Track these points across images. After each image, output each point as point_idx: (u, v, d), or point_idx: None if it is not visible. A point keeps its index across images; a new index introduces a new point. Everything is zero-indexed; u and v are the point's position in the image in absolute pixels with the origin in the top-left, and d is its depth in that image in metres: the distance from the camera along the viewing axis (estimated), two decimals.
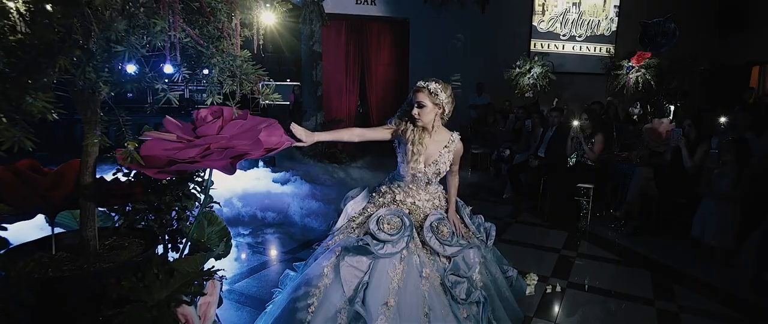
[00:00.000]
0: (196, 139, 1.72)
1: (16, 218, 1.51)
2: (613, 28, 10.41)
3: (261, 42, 1.70)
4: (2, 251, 1.50)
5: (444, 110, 2.37)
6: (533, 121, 5.91)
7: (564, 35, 10.46)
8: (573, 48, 10.51)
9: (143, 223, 1.97)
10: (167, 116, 1.63)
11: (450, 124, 2.50)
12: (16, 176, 1.48)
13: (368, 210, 2.42)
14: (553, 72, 7.59)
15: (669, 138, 4.47)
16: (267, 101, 1.65)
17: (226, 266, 3.38)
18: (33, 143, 1.08)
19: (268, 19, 1.82)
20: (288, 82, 10.35)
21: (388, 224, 2.22)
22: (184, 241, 1.94)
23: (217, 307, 1.98)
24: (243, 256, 3.76)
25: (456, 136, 2.45)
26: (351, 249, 2.15)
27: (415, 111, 2.31)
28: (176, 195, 2.00)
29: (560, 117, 5.46)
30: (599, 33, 10.53)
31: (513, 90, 7.81)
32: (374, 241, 2.14)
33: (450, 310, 2.13)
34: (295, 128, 2.06)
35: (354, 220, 2.42)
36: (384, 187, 2.50)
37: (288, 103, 10.01)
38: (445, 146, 2.40)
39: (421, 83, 2.32)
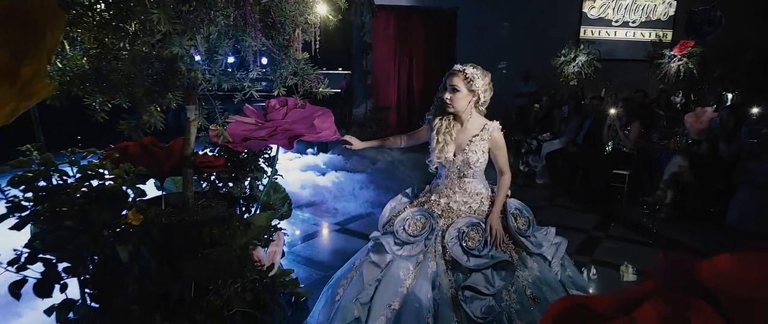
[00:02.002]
0: (266, 123, 2.23)
1: (145, 180, 2.06)
2: (671, 13, 10.07)
3: (317, 46, 2.15)
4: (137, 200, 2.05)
5: (479, 99, 2.17)
6: (570, 107, 6.06)
7: (616, 21, 10.25)
8: (626, 34, 10.30)
9: (225, 189, 2.50)
10: (247, 104, 2.13)
11: (492, 113, 2.32)
12: (143, 149, 2.03)
13: (407, 207, 2.29)
14: (598, 60, 7.59)
15: (708, 127, 4.55)
16: (324, 92, 2.09)
17: (288, 232, 3.94)
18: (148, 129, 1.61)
19: (322, 11, 2.23)
20: (340, 71, 10.88)
21: (413, 225, 2.11)
22: (256, 204, 2.46)
23: (281, 258, 2.50)
24: (301, 225, 4.31)
25: (493, 124, 2.19)
26: (374, 246, 2.16)
27: (448, 95, 2.12)
28: (250, 168, 2.52)
29: (600, 105, 5.60)
30: (655, 18, 10.22)
31: (558, 78, 7.91)
32: (393, 241, 2.08)
33: None
34: (350, 138, 2.32)
35: (397, 216, 2.31)
36: (428, 186, 2.37)
37: (340, 90, 10.56)
38: (477, 135, 2.16)
39: (458, 67, 2.13)
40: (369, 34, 9.17)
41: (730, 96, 6.71)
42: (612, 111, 4.93)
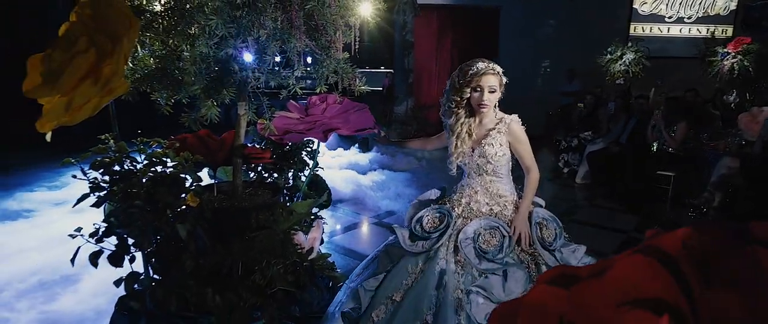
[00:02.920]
0: (306, 118, 2.41)
1: (200, 168, 2.29)
2: (733, 7, 9.53)
3: (357, 46, 2.30)
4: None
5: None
6: (616, 106, 5.92)
7: (670, 17, 9.83)
8: (680, 31, 9.85)
9: (270, 179, 2.71)
10: (291, 101, 2.32)
11: (535, 112, 2.17)
12: (199, 140, 2.25)
13: (431, 204, 2.22)
14: (647, 58, 7.34)
15: (764, 127, 4.35)
16: (362, 90, 2.23)
17: (328, 223, 4.14)
18: (205, 122, 1.81)
19: (365, 11, 2.37)
20: (382, 70, 11.06)
21: (430, 221, 2.05)
22: (298, 193, 2.65)
23: (320, 244, 2.68)
24: (341, 218, 4.51)
25: (511, 117, 2.07)
26: (393, 238, 2.15)
27: (486, 96, 1.96)
28: (293, 160, 2.71)
29: (645, 104, 5.45)
30: (714, 13, 9.72)
31: (604, 76, 7.72)
32: (408, 235, 2.06)
33: None
34: (381, 138, 2.44)
35: (419, 211, 2.25)
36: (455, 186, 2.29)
37: (381, 89, 10.74)
38: (493, 128, 2.04)
39: (483, 66, 1.97)
40: (411, 33, 9.29)
41: None
42: (656, 111, 4.80)
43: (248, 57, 1.88)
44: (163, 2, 1.80)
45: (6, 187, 4.93)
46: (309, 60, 2.19)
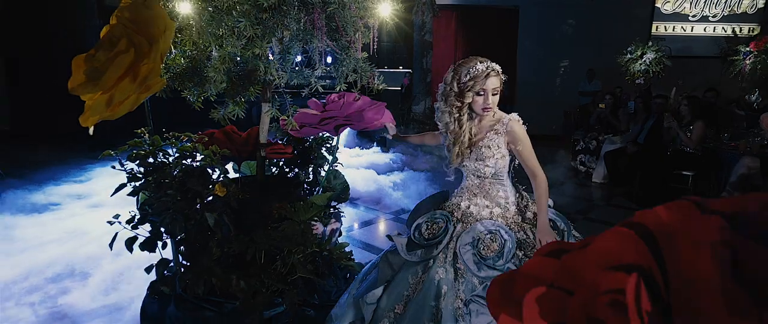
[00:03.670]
0: (324, 114, 2.52)
1: (227, 162, 2.43)
2: (760, 5, 9.33)
3: (375, 46, 2.40)
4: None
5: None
6: (637, 105, 5.90)
7: (694, 16, 9.68)
8: (704, 30, 9.69)
9: (291, 173, 2.83)
10: (313, 98, 2.43)
11: (552, 112, 2.04)
12: (226, 136, 2.38)
13: (433, 209, 2.10)
14: (669, 57, 7.27)
15: None
16: (379, 88, 2.33)
17: (345, 215, 4.26)
18: (232, 117, 1.94)
19: (384, 12, 2.46)
20: (400, 69, 11.16)
21: (430, 228, 1.96)
22: (318, 187, 2.76)
23: (339, 236, 2.79)
24: (359, 215, 4.62)
25: (510, 116, 1.93)
26: (393, 246, 2.04)
27: (489, 100, 1.86)
28: (313, 155, 2.82)
29: (664, 103, 5.42)
30: (740, 11, 9.53)
31: (624, 76, 7.67)
32: (406, 243, 1.95)
33: None
34: (389, 125, 2.35)
35: (421, 216, 2.14)
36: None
37: (400, 88, 10.83)
38: (491, 130, 1.92)
39: (483, 68, 1.84)
40: (430, 34, 9.36)
41: None
42: (666, 112, 4.79)
43: (271, 57, 2.00)
44: (194, 5, 1.93)
45: (37, 181, 5.18)
46: (328, 59, 2.30)
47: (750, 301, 0.49)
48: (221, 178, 2.17)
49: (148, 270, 2.33)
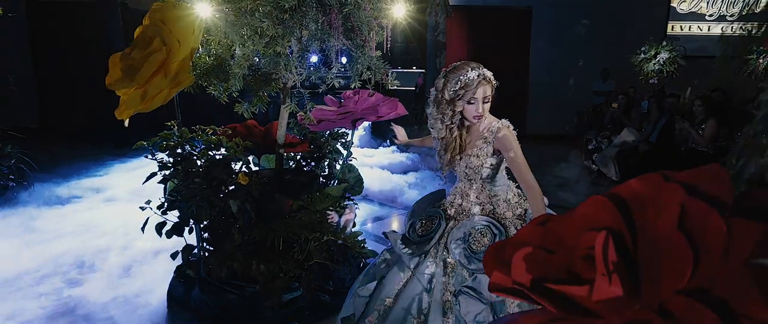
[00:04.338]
0: (340, 109, 2.65)
1: (248, 154, 2.57)
2: None
3: (388, 44, 2.52)
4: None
5: None
6: (650, 104, 5.91)
7: (711, 15, 9.60)
8: (722, 29, 9.60)
9: (307, 167, 2.97)
10: (328, 95, 2.56)
11: (565, 113, 2.04)
12: (247, 129, 2.53)
13: (429, 206, 2.12)
14: (684, 57, 7.24)
15: None
16: (394, 86, 2.45)
17: (359, 213, 4.38)
18: (254, 111, 2.08)
19: (399, 13, 2.56)
20: (414, 70, 11.26)
21: (424, 224, 1.97)
22: (333, 180, 2.89)
23: (352, 227, 2.92)
24: (373, 210, 4.75)
25: (500, 123, 1.88)
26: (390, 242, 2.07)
27: (482, 107, 1.83)
28: (328, 149, 2.96)
29: (676, 102, 5.43)
30: (760, 10, 9.41)
31: (637, 76, 7.66)
32: (401, 239, 1.97)
33: None
34: (397, 129, 2.34)
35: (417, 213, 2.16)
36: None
37: (414, 88, 10.93)
38: (480, 138, 1.91)
39: (475, 75, 1.80)
40: (443, 34, 9.45)
41: None
42: (677, 115, 4.82)
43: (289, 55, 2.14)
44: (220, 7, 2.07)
45: (63, 175, 5.44)
46: (343, 60, 2.43)
47: (687, 246, 0.60)
48: (243, 169, 2.31)
49: (173, 256, 2.48)
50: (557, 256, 0.80)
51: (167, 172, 2.07)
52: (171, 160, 2.08)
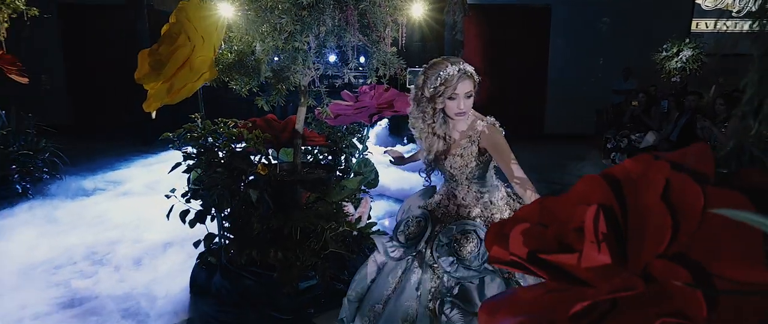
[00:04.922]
0: (357, 104, 2.73)
1: (268, 146, 2.67)
2: None
3: (403, 40, 2.59)
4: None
5: None
6: (669, 103, 5.83)
7: (739, 12, 9.38)
8: (749, 26, 9.36)
9: (324, 161, 3.05)
10: (345, 90, 2.64)
11: (585, 111, 1.99)
12: (266, 123, 2.62)
13: (418, 208, 2.03)
14: (706, 55, 7.10)
15: None
16: (412, 84, 2.51)
17: (375, 209, 4.44)
18: (271, 105, 2.17)
19: (416, 12, 2.62)
20: None
21: (411, 227, 1.91)
22: (352, 173, 2.98)
23: (367, 219, 2.99)
24: (388, 207, 4.81)
25: (486, 121, 1.82)
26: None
27: (464, 103, 1.75)
28: (345, 144, 3.04)
29: (697, 100, 5.35)
30: None
31: (659, 74, 7.54)
32: (388, 243, 1.92)
33: None
34: (391, 151, 2.38)
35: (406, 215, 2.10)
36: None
37: None
38: (466, 136, 1.84)
39: (455, 70, 1.72)
40: (461, 33, 9.44)
41: None
42: (699, 115, 4.75)
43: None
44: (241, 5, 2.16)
45: (92, 169, 5.68)
46: (362, 59, 2.51)
47: (667, 213, 0.65)
48: (262, 160, 2.40)
49: (195, 244, 2.60)
50: (551, 230, 0.86)
51: (191, 162, 2.17)
52: (195, 151, 2.19)
